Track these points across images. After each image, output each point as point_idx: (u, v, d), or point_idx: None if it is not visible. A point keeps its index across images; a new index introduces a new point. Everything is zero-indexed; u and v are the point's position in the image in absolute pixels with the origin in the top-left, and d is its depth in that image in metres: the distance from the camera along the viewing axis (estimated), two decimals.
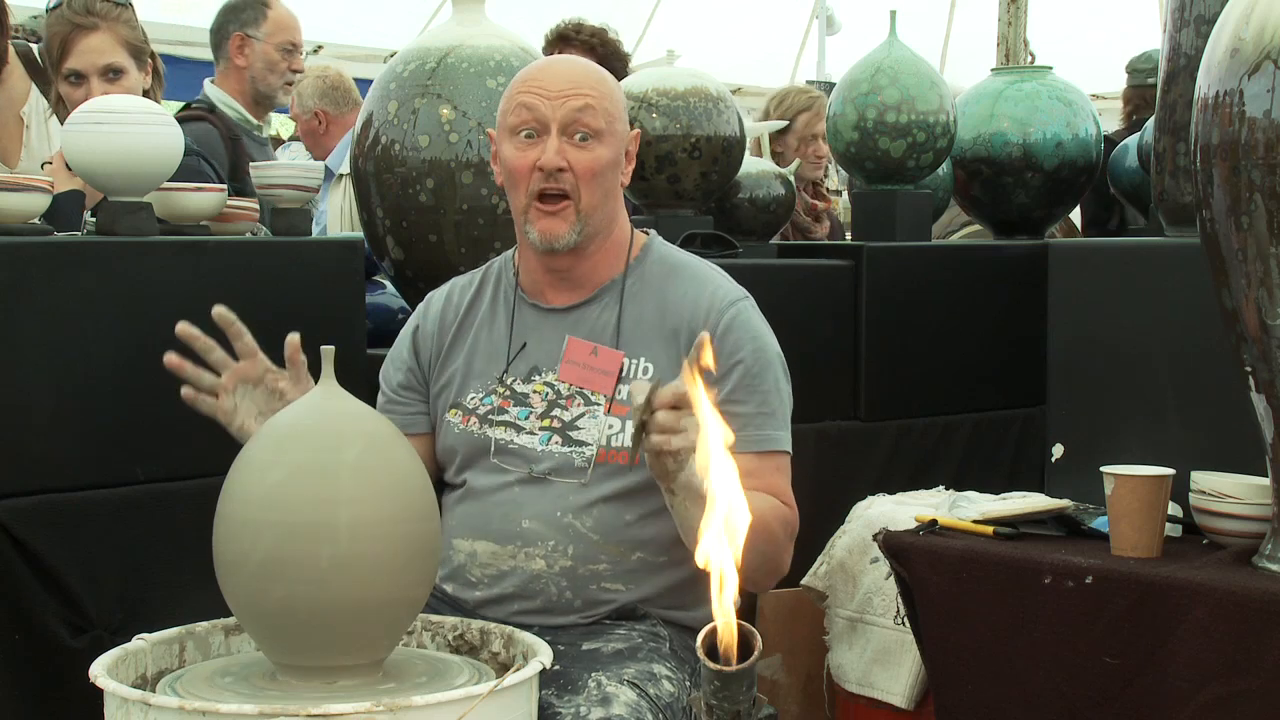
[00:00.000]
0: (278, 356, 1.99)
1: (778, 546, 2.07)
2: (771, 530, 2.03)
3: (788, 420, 2.12)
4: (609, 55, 4.19)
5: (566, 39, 4.24)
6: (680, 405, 1.81)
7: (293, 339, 2.00)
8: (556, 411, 2.09)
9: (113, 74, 3.09)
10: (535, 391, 2.12)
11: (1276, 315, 2.09)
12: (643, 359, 2.10)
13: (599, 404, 2.07)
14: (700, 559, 1.23)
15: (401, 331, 2.28)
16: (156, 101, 3.12)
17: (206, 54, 4.00)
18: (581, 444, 2.05)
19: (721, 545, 1.22)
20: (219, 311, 2.03)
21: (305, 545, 1.63)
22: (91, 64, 3.08)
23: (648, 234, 2.23)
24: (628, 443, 2.04)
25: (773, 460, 2.09)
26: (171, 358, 2.02)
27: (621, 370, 2.09)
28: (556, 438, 2.08)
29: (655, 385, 1.83)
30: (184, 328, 2.02)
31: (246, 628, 1.81)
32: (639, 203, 3.30)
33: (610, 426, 2.06)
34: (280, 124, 6.37)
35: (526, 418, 2.10)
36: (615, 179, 2.12)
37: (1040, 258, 3.06)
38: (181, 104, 3.81)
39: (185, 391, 2.02)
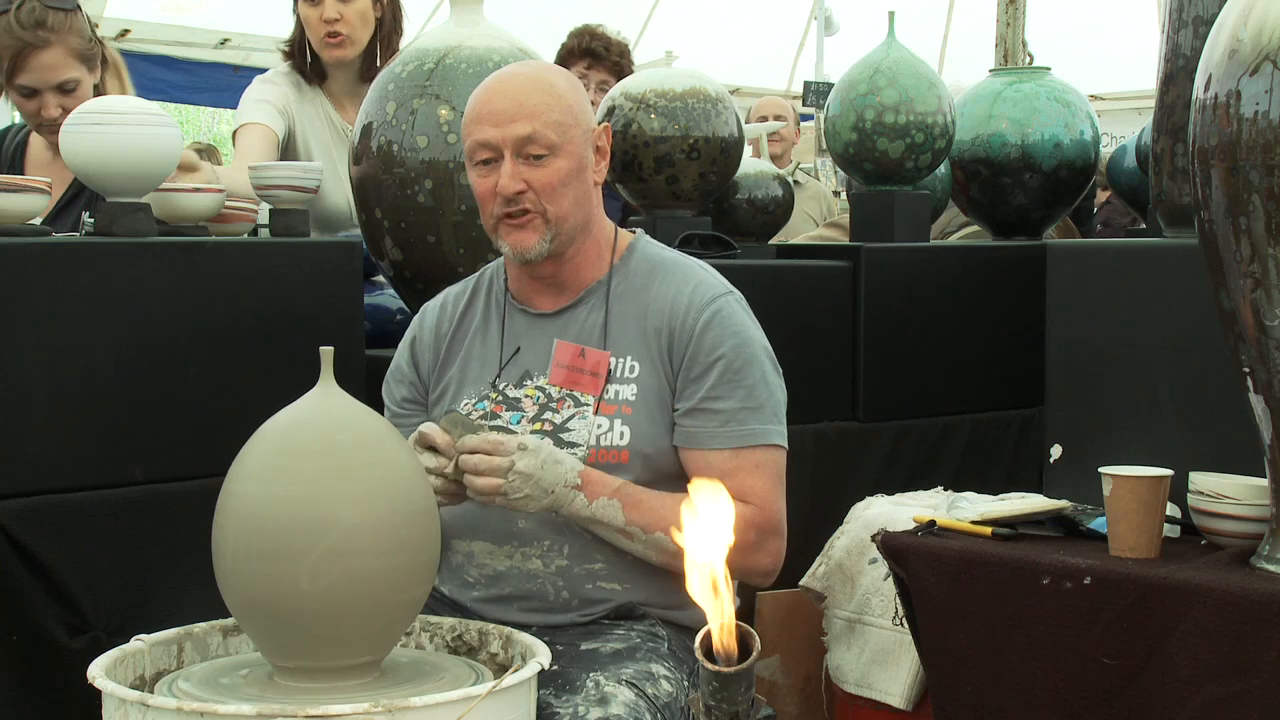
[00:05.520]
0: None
1: (741, 551, 2.02)
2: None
3: (778, 413, 2.11)
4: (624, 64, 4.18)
5: (590, 53, 4.19)
6: (487, 450, 1.94)
7: None
8: (548, 415, 2.09)
9: (68, 87, 2.96)
10: (527, 396, 2.12)
11: (1274, 316, 2.09)
12: (629, 358, 2.10)
13: (588, 405, 2.08)
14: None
15: (399, 346, 2.28)
16: (122, 92, 3.08)
17: (207, 54, 3.98)
18: (573, 445, 2.05)
19: (705, 551, 1.22)
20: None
21: (304, 545, 1.63)
22: (45, 81, 2.97)
23: (634, 233, 2.23)
24: (619, 441, 2.05)
25: (755, 456, 2.07)
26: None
27: (609, 370, 2.09)
28: (548, 440, 2.08)
29: (453, 438, 1.96)
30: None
31: (245, 628, 1.81)
32: (637, 203, 3.30)
33: (599, 426, 2.06)
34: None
35: (519, 422, 2.11)
36: (583, 183, 2.11)
37: (1038, 258, 3.05)
38: (192, 106, 3.74)
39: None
